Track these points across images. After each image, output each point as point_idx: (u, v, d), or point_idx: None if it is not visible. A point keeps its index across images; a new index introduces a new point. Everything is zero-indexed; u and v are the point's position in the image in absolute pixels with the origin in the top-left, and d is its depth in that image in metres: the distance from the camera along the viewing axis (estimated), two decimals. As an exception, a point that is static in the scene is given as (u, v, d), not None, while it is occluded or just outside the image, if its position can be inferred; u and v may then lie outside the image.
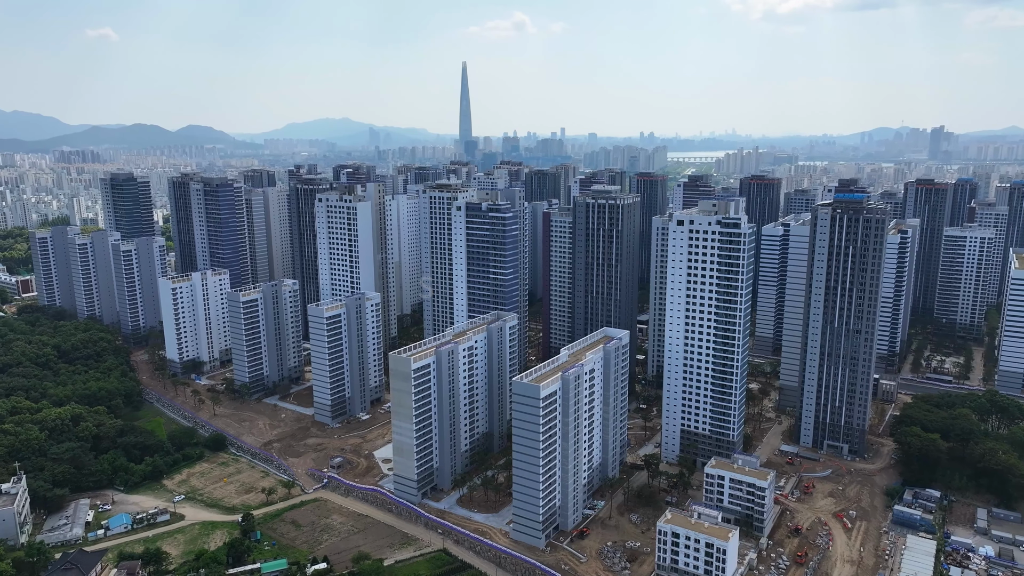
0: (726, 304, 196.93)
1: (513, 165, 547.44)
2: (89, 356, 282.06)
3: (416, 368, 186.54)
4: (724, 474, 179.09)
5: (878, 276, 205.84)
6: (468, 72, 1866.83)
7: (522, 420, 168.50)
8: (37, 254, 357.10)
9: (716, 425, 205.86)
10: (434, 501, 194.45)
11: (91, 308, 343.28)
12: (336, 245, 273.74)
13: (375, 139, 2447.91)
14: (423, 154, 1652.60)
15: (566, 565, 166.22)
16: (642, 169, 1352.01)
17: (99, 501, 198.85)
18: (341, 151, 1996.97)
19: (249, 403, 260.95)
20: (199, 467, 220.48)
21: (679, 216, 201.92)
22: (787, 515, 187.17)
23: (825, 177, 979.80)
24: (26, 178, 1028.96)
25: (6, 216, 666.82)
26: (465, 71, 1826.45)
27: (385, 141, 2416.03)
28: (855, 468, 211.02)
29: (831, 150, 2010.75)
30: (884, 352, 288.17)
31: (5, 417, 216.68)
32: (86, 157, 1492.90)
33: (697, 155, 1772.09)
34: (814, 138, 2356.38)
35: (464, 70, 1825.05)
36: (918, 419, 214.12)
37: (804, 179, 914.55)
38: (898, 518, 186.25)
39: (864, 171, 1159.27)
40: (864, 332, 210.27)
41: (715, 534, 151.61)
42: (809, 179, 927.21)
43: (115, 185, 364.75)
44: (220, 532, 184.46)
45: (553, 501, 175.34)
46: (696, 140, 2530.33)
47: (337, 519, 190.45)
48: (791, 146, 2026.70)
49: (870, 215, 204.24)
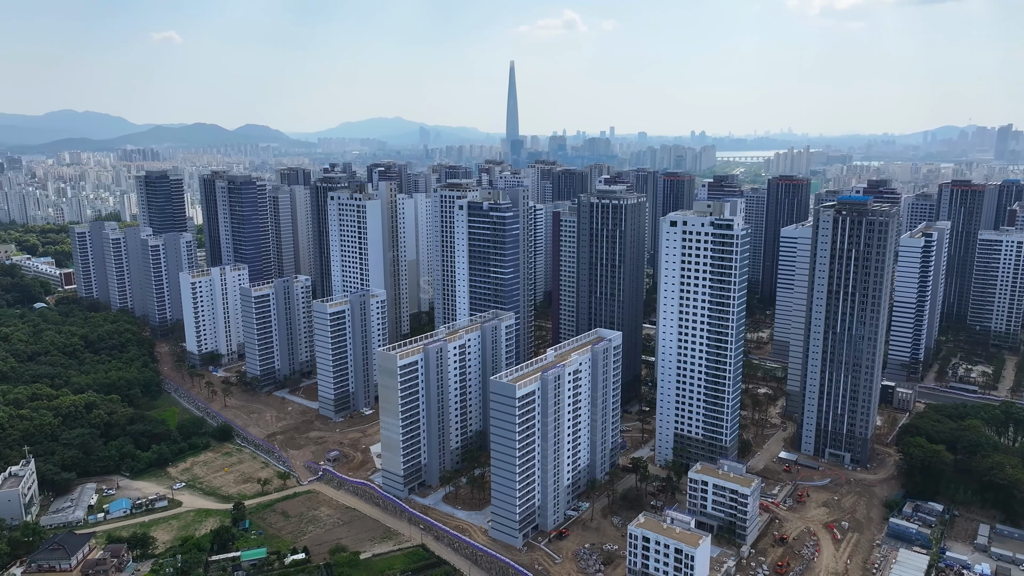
0: (719, 307, 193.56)
1: (547, 164, 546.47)
2: (113, 347, 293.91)
3: (402, 365, 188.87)
4: (708, 480, 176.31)
5: (881, 280, 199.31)
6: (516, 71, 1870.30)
7: (499, 419, 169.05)
8: (76, 248, 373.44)
9: (709, 430, 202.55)
10: (421, 497, 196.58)
11: (123, 300, 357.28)
12: (347, 242, 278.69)
13: (425, 138, 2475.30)
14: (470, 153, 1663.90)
15: (540, 565, 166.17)
16: (688, 169, 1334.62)
17: (105, 486, 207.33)
18: (391, 150, 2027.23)
19: (260, 396, 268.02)
20: (203, 456, 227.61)
21: (672, 217, 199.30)
22: (775, 524, 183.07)
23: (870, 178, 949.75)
24: (87, 175, 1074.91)
25: (63, 212, 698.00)
26: (513, 70, 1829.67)
27: (435, 140, 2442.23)
28: (855, 478, 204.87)
29: (890, 150, 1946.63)
30: (905, 359, 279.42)
31: (24, 403, 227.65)
32: (146, 155, 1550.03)
33: (747, 154, 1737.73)
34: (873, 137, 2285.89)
35: (512, 69, 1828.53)
36: (925, 429, 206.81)
37: (853, 179, 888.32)
38: (893, 531, 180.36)
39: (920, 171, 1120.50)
40: (867, 338, 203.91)
41: (685, 540, 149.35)
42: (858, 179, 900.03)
43: (149, 183, 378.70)
44: (213, 520, 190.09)
45: (532, 501, 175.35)
46: (749, 139, 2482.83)
47: (325, 511, 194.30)
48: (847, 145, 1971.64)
49: (873, 217, 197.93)
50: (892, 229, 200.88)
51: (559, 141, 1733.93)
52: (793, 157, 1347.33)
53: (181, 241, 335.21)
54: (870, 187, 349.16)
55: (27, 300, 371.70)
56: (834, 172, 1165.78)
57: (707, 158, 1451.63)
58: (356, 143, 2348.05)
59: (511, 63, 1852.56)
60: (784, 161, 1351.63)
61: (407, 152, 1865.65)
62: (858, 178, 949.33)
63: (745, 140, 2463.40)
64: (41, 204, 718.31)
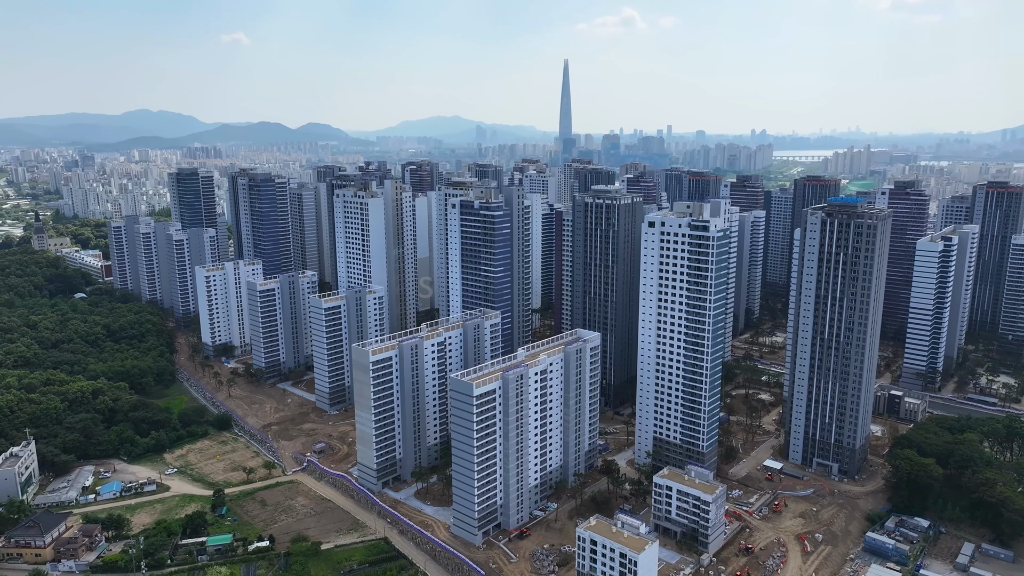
0: (696, 309, 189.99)
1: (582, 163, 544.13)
2: (133, 336, 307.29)
3: (375, 361, 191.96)
4: (672, 485, 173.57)
5: (870, 286, 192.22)
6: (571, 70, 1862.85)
7: (458, 418, 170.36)
8: (112, 241, 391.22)
9: (687, 434, 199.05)
10: (394, 491, 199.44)
11: (152, 292, 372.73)
12: (351, 239, 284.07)
13: (481, 136, 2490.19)
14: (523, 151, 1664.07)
15: (494, 564, 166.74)
16: (741, 168, 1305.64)
17: (102, 468, 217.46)
18: (447, 148, 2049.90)
19: (263, 387, 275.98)
20: (200, 444, 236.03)
21: (651, 217, 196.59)
22: (745, 533, 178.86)
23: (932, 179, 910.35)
24: (150, 172, 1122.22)
25: (120, 207, 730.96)
26: (567, 69, 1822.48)
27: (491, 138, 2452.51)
28: (840, 489, 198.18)
29: (962, 149, 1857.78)
30: (921, 368, 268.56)
31: (36, 387, 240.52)
32: (210, 153, 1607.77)
33: (807, 154, 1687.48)
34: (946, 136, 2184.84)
35: (566, 67, 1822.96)
36: (917, 442, 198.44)
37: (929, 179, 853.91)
38: (870, 546, 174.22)
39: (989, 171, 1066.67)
40: (855, 345, 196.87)
41: (630, 544, 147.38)
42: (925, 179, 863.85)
43: (180, 179, 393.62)
44: (194, 505, 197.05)
45: (493, 499, 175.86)
46: (812, 138, 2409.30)
47: (301, 501, 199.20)
48: (917, 144, 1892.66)
49: (862, 220, 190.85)
50: (883, 232, 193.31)
51: (612, 140, 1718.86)
52: (852, 156, 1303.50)
53: (205, 236, 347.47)
54: (897, 188, 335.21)
55: (68, 290, 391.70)
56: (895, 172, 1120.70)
57: (762, 157, 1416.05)
58: (413, 141, 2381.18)
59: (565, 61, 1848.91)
60: (843, 161, 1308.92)
61: (461, 151, 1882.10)
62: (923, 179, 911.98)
63: (808, 139, 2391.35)
64: (100, 199, 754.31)
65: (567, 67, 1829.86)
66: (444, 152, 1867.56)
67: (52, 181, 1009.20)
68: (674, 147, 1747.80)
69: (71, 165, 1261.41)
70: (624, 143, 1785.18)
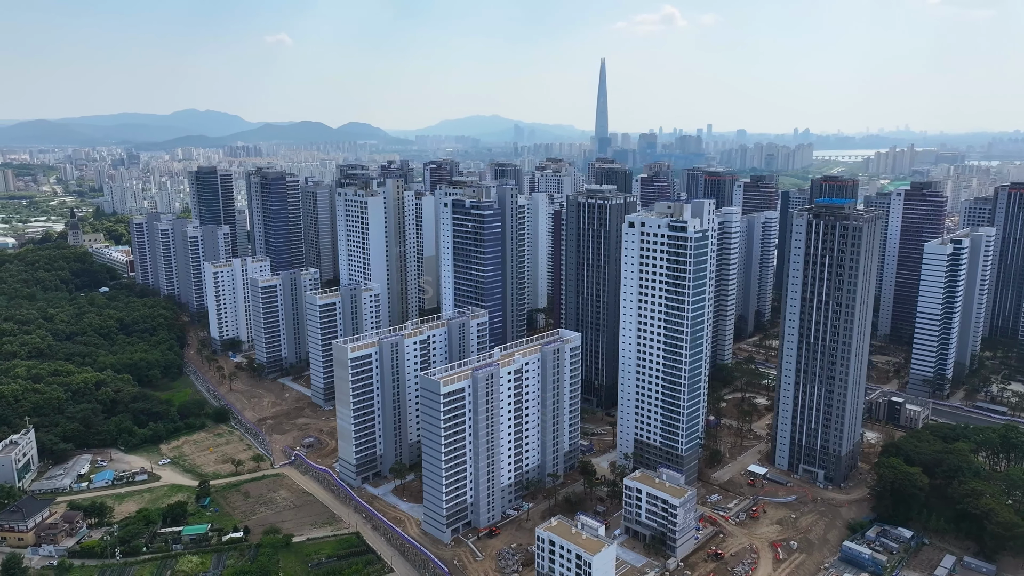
0: (674, 311, 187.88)
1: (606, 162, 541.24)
2: (145, 330, 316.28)
3: (353, 357, 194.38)
4: (642, 488, 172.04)
5: (855, 289, 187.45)
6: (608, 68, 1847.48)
7: (426, 416, 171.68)
8: (134, 238, 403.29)
9: (666, 437, 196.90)
10: (373, 487, 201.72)
11: (170, 287, 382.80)
12: (352, 237, 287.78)
13: (519, 135, 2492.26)
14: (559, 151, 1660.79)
15: (459, 561, 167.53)
16: (779, 168, 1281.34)
17: (99, 457, 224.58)
18: (483, 147, 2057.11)
19: (264, 381, 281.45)
20: (196, 436, 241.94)
21: (631, 218, 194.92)
22: (718, 538, 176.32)
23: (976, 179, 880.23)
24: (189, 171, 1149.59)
25: (155, 203, 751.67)
26: (603, 67, 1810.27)
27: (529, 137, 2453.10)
28: (824, 497, 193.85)
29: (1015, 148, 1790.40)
30: (928, 375, 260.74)
31: (43, 377, 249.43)
32: (250, 152, 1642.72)
33: (849, 153, 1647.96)
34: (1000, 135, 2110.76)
35: (602, 66, 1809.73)
36: (906, 450, 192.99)
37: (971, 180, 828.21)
38: (846, 555, 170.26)
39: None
40: (841, 349, 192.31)
41: (586, 546, 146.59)
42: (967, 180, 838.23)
43: (199, 177, 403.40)
44: (181, 495, 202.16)
45: (463, 498, 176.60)
46: (857, 138, 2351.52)
47: (283, 494, 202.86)
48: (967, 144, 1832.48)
49: (847, 222, 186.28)
50: (869, 235, 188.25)
51: (649, 139, 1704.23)
52: (895, 156, 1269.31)
53: (219, 233, 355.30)
54: (913, 189, 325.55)
55: (93, 285, 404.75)
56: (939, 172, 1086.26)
57: (801, 157, 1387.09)
58: (451, 140, 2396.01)
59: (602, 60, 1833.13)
60: (885, 160, 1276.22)
61: (497, 149, 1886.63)
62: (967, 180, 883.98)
63: (853, 138, 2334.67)
64: (137, 197, 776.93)
65: (604, 66, 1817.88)
66: (480, 151, 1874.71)
67: (97, 179, 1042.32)
68: (712, 147, 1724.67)
69: (118, 163, 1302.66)
70: (662, 143, 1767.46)
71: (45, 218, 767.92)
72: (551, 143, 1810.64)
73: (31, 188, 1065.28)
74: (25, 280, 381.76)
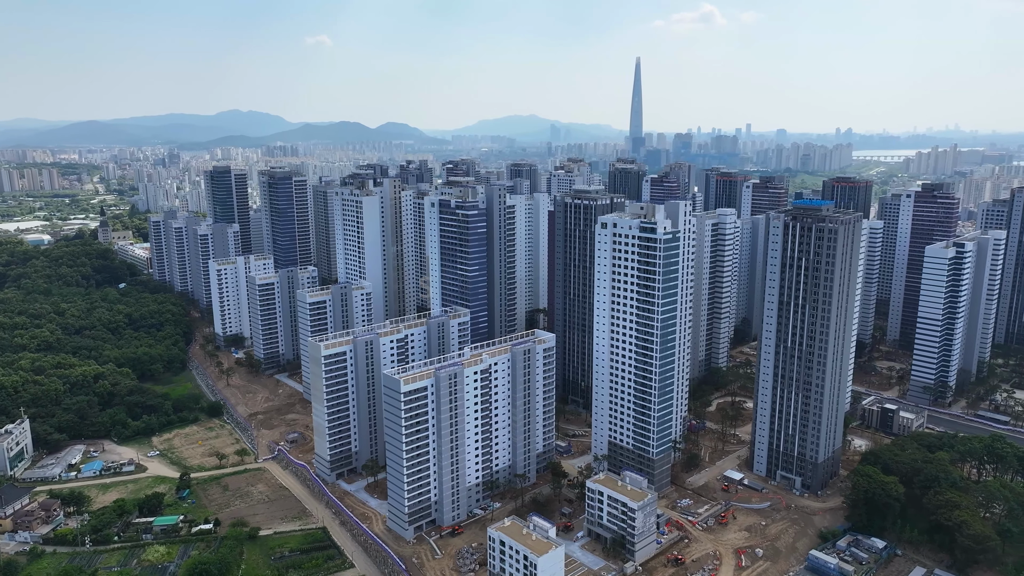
0: (645, 313, 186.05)
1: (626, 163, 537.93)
2: (152, 325, 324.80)
3: (327, 355, 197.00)
4: (604, 491, 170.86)
5: (831, 292, 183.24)
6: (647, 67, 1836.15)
7: (389, 413, 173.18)
8: (151, 235, 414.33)
9: (638, 440, 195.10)
10: (347, 483, 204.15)
11: (184, 284, 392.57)
12: (348, 236, 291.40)
13: (555, 135, 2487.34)
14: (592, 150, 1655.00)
15: (418, 559, 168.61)
16: (815, 169, 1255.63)
17: (92, 448, 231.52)
18: (518, 147, 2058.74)
19: (261, 377, 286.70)
20: (188, 429, 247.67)
21: (603, 219, 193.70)
22: (683, 543, 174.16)
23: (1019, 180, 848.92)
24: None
25: (187, 202, 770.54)
26: (638, 67, 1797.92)
27: (565, 137, 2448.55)
28: (799, 504, 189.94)
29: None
30: (929, 382, 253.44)
31: (45, 370, 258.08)
32: (287, 152, 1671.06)
33: (891, 153, 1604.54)
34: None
35: (637, 65, 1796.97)
36: (884, 458, 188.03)
37: (988, 182, 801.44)
38: (812, 565, 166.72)
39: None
40: (817, 354, 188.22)
41: (533, 547, 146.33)
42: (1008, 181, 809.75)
43: (213, 177, 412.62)
44: (164, 486, 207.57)
45: (427, 496, 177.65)
46: (903, 137, 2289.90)
47: (260, 488, 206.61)
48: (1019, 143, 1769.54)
49: (823, 224, 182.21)
50: (846, 238, 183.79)
51: (684, 139, 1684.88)
52: (937, 156, 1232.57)
53: (229, 231, 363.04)
54: (924, 191, 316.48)
55: (113, 281, 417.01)
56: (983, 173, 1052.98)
57: (839, 157, 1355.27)
58: (487, 140, 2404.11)
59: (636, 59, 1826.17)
60: (927, 160, 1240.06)
61: (531, 149, 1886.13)
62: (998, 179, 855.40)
63: (898, 138, 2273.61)
64: (169, 195, 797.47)
65: (639, 65, 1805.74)
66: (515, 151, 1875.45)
67: (136, 178, 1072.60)
68: (750, 146, 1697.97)
69: (158, 163, 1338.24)
70: (698, 142, 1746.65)
71: (84, 216, 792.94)
72: (585, 143, 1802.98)
73: (75, 187, 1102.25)
74: (48, 276, 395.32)
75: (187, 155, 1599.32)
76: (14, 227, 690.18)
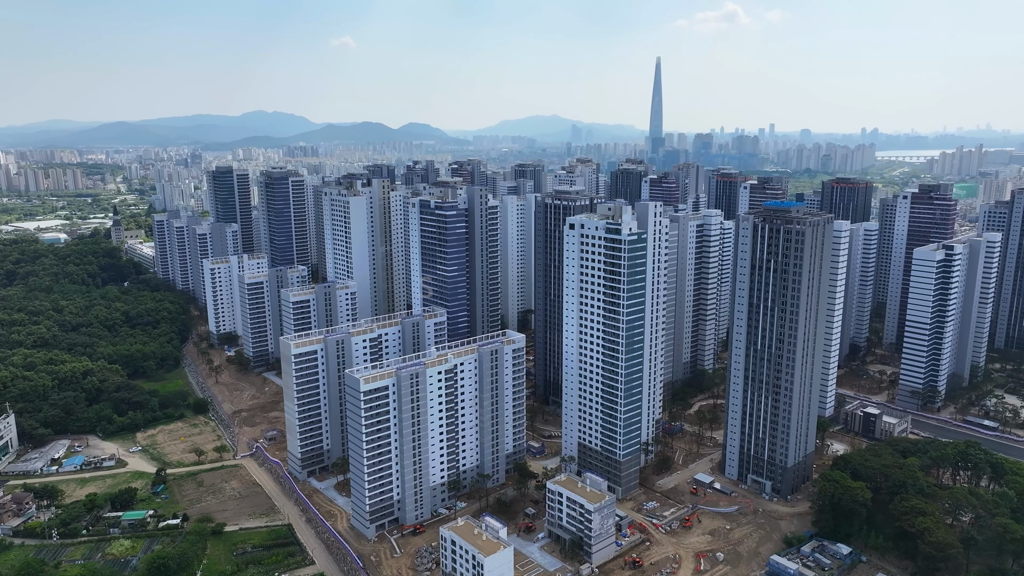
0: (611, 314, 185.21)
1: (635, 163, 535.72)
2: (148, 323, 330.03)
3: (297, 353, 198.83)
4: (563, 492, 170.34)
5: (799, 295, 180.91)
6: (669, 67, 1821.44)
7: (350, 412, 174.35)
8: (155, 234, 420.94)
9: (606, 441, 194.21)
10: (318, 480, 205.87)
11: (185, 282, 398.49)
12: (337, 236, 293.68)
13: (576, 136, 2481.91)
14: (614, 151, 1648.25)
15: (376, 557, 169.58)
16: (835, 169, 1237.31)
17: (76, 443, 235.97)
18: (538, 147, 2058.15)
19: (249, 375, 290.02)
20: (173, 425, 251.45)
21: (571, 219, 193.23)
22: (644, 546, 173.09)
23: None
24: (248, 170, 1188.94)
25: (202, 201, 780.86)
26: (658, 67, 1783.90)
27: (586, 137, 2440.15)
28: (767, 508, 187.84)
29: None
30: (917, 387, 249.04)
31: (37, 365, 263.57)
32: (308, 152, 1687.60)
33: (915, 154, 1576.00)
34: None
35: (658, 65, 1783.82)
36: (853, 463, 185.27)
37: (1009, 183, 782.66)
38: (772, 569, 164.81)
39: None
40: (786, 357, 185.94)
41: (482, 547, 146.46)
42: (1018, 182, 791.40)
43: (215, 177, 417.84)
44: (141, 481, 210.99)
45: (389, 495, 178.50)
46: (931, 137, 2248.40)
47: (233, 484, 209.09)
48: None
49: (791, 226, 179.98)
50: (814, 239, 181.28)
51: (705, 139, 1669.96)
52: (962, 156, 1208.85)
53: (228, 231, 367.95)
54: (920, 192, 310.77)
55: (119, 279, 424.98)
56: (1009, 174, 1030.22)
57: (862, 157, 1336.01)
58: (508, 140, 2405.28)
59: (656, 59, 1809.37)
60: (951, 161, 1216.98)
61: (552, 150, 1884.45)
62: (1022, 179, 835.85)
63: (925, 138, 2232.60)
64: (185, 195, 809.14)
65: (659, 65, 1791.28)
66: (535, 151, 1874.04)
67: (156, 178, 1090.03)
68: (772, 147, 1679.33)
69: (181, 163, 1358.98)
70: (719, 143, 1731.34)
71: (103, 215, 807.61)
72: (604, 144, 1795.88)
73: (98, 186, 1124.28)
74: (54, 274, 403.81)
75: (210, 155, 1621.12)
76: (35, 226, 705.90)
